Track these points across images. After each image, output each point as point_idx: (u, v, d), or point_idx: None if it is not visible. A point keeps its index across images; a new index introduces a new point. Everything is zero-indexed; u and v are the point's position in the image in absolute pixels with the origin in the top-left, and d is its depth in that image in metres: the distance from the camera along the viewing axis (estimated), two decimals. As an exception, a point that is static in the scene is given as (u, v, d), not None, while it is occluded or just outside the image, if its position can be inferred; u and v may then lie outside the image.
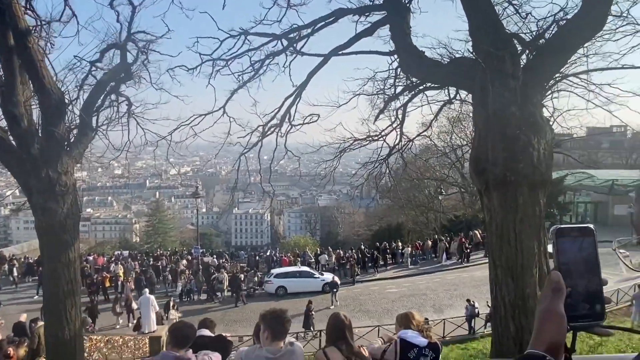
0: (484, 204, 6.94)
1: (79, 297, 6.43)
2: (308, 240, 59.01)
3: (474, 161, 6.98)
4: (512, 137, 6.27)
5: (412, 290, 24.90)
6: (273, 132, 13.37)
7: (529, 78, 6.61)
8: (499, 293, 6.56)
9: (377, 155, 15.74)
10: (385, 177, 18.24)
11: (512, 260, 6.37)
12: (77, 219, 6.33)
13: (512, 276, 6.37)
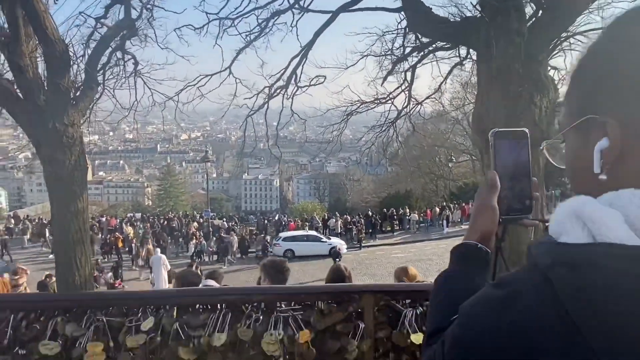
0: (485, 163, 6.99)
1: (87, 246, 6.74)
2: (316, 205, 59.62)
3: (475, 120, 7.00)
4: (514, 95, 6.26)
5: (418, 255, 25.27)
6: (279, 94, 13.39)
7: (535, 35, 6.53)
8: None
9: (385, 119, 15.69)
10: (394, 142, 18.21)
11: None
12: (84, 171, 6.54)
13: (509, 233, 6.50)
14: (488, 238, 1.16)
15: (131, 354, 2.10)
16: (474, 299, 0.83)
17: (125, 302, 2.16)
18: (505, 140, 1.18)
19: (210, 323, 2.12)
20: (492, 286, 0.81)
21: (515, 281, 0.75)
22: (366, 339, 2.13)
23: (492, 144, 1.18)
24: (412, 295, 2.18)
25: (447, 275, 1.13)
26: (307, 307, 2.18)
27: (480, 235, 1.13)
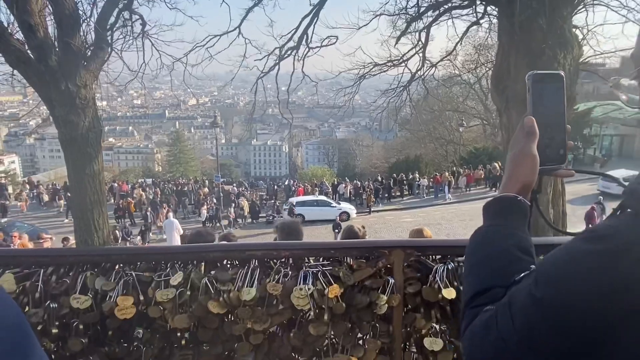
0: (503, 122, 6.84)
1: (105, 208, 6.80)
2: (325, 171, 59.68)
3: (495, 78, 6.79)
4: (537, 52, 6.04)
5: (427, 220, 25.34)
6: (290, 55, 13.11)
7: (561, -12, 6.21)
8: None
9: (398, 82, 15.38)
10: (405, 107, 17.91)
11: (526, 179, 6.42)
12: (98, 133, 6.53)
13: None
14: (528, 189, 1.07)
15: (161, 307, 2.11)
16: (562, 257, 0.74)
17: (153, 257, 2.16)
18: (542, 84, 1.10)
19: (239, 278, 2.11)
20: (582, 240, 0.72)
21: (618, 233, 0.67)
22: (395, 294, 2.11)
23: (529, 87, 1.10)
24: (443, 251, 2.15)
25: (486, 231, 1.05)
26: (336, 262, 2.16)
27: (520, 186, 1.04)
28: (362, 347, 2.21)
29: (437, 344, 2.14)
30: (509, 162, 1.11)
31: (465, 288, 1.01)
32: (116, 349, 2.21)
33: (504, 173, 1.13)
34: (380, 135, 78.07)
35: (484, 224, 1.07)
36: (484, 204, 1.12)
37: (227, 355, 2.29)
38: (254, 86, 13.89)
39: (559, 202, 6.50)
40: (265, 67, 13.51)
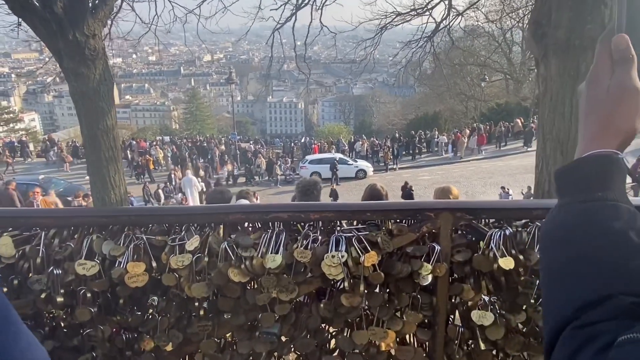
0: (540, 73, 6.29)
1: (121, 164, 6.62)
2: (342, 128, 58.92)
3: (533, 24, 6.18)
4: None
5: (446, 177, 24.87)
6: (307, 4, 12.42)
7: None
8: (545, 167, 6.27)
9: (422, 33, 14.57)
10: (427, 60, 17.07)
11: (564, 134, 5.94)
12: (110, 86, 6.24)
13: (561, 150, 6.00)
14: (628, 143, 0.73)
15: (176, 275, 1.88)
16: None
17: (166, 219, 1.91)
18: None
19: (263, 243, 1.86)
20: None
21: None
22: (441, 263, 1.84)
23: None
24: (499, 214, 1.85)
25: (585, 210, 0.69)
26: (373, 226, 1.88)
27: (622, 138, 0.70)
28: (400, 319, 1.98)
29: (487, 317, 1.88)
30: (593, 105, 0.74)
31: (559, 294, 0.67)
32: (129, 318, 2.01)
33: (581, 120, 0.77)
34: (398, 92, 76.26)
35: (573, 198, 0.71)
36: (562, 169, 0.76)
37: (250, 326, 2.08)
38: (269, 39, 13.29)
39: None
40: (282, 17, 12.88)
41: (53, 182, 20.57)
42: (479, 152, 28.69)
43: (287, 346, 2.04)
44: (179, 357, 2.14)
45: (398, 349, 2.01)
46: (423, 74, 38.29)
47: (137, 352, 2.08)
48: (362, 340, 1.98)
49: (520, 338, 1.93)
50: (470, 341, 2.02)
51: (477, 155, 28.42)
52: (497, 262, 1.74)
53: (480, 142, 28.91)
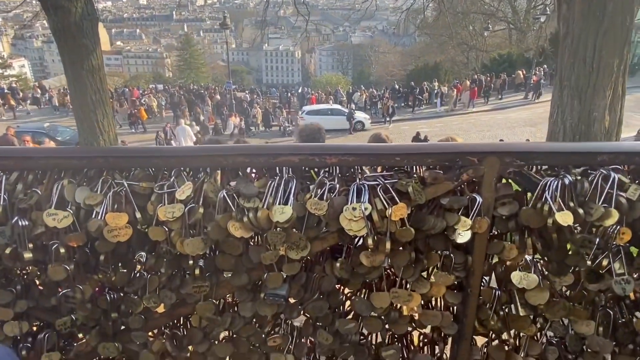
0: (561, 14, 5.81)
1: (109, 108, 6.19)
2: (340, 78, 57.57)
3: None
4: None
5: (444, 130, 24.44)
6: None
7: None
8: (560, 116, 5.93)
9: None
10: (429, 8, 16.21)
11: (583, 80, 5.56)
12: (94, 22, 5.69)
13: (579, 98, 5.64)
14: None
15: (165, 228, 1.58)
16: None
17: (151, 161, 1.58)
18: None
19: (269, 192, 1.54)
20: None
21: None
22: (482, 217, 1.55)
23: None
24: (556, 159, 1.53)
25: None
26: (403, 174, 1.56)
27: None
28: (427, 281, 1.71)
29: (530, 280, 1.61)
30: None
31: None
32: (112, 276, 1.73)
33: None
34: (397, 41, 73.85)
35: None
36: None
37: (254, 287, 1.81)
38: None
39: (617, 108, 5.72)
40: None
41: (59, 130, 19.96)
42: (471, 105, 27.74)
43: (296, 309, 1.78)
44: (172, 319, 1.89)
45: (422, 314, 1.76)
46: (425, 21, 36.88)
47: (124, 313, 1.82)
48: (382, 304, 1.72)
49: (565, 303, 1.67)
50: (505, 306, 1.77)
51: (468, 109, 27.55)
52: (552, 216, 1.44)
53: (472, 96, 27.97)
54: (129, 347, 1.88)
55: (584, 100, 5.58)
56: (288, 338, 1.87)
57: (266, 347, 1.86)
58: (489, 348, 1.84)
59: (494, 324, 1.74)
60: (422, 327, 1.83)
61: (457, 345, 1.83)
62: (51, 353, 1.84)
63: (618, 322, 1.73)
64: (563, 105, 5.79)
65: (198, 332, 1.85)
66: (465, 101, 27.91)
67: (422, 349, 1.96)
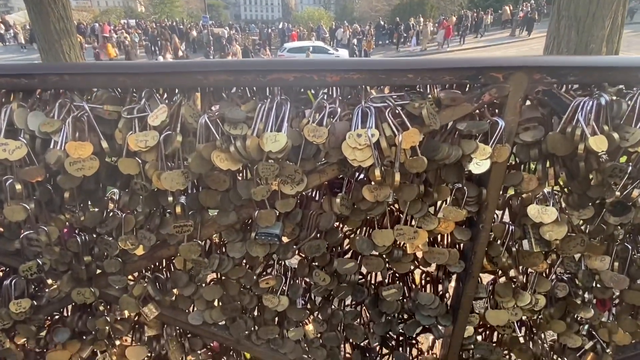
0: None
1: (75, 39, 5.67)
2: (323, 13, 55.22)
3: None
4: None
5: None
6: None
7: None
8: (555, 48, 5.69)
9: None
10: None
11: (583, 9, 5.29)
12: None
13: (577, 29, 5.39)
14: None
15: (138, 160, 1.36)
16: None
17: (116, 80, 1.32)
18: None
19: (259, 117, 1.32)
20: None
21: None
22: (503, 145, 1.36)
23: None
24: (592, 76, 1.32)
25: None
26: (416, 95, 1.35)
27: None
28: (435, 217, 1.55)
29: (548, 213, 1.47)
30: None
31: None
32: (82, 216, 1.52)
33: None
34: (382, -26, 70.36)
35: None
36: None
37: (244, 227, 1.63)
38: None
39: (615, 39, 5.49)
40: None
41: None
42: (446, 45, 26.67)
43: (291, 249, 1.62)
44: (153, 262, 1.72)
45: (428, 252, 1.62)
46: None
47: (99, 256, 1.63)
48: (385, 242, 1.57)
49: (583, 238, 1.54)
50: (517, 242, 1.64)
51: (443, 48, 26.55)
52: (584, 142, 1.27)
53: (447, 35, 26.93)
54: (106, 292, 1.72)
55: (582, 32, 5.34)
56: (281, 279, 1.73)
57: (258, 289, 1.71)
58: (496, 285, 1.73)
59: (504, 261, 1.62)
60: (426, 265, 1.70)
61: (462, 284, 1.71)
62: (21, 300, 1.67)
63: (634, 257, 1.63)
64: (560, 36, 5.53)
65: (183, 275, 1.68)
66: (440, 40, 26.80)
67: (424, 288, 1.84)
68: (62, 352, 1.83)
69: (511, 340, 1.87)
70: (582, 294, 1.75)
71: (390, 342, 2.01)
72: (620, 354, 1.90)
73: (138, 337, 1.89)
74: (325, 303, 1.85)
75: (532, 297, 1.70)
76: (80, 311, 1.83)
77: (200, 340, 1.93)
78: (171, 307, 1.80)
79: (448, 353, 1.88)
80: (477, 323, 1.81)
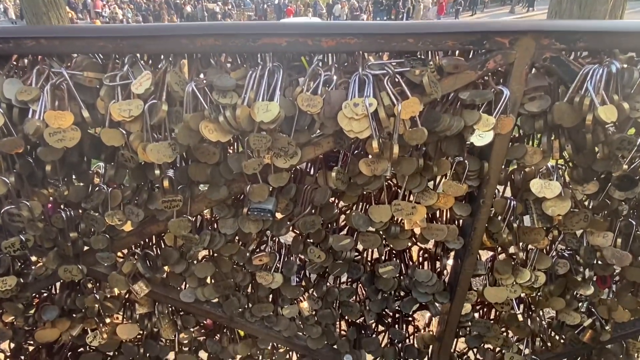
0: None
1: (64, 11, 5.49)
2: (319, -11, 54.09)
3: None
4: None
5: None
6: None
7: None
8: (555, 23, 5.58)
9: None
10: None
11: (586, -17, 5.16)
12: None
13: (579, 3, 5.27)
14: None
15: (122, 131, 1.28)
16: None
17: (95, 45, 1.23)
18: None
19: (250, 85, 1.24)
20: None
21: None
22: (507, 115, 1.29)
23: None
24: (601, 42, 1.25)
25: None
26: (417, 61, 1.27)
27: None
28: (435, 192, 1.49)
29: (552, 188, 1.42)
30: None
31: None
32: (65, 190, 1.46)
33: None
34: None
35: None
36: None
37: (235, 202, 1.57)
38: None
39: (618, 14, 5.38)
40: None
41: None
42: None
43: (285, 225, 1.56)
44: (142, 238, 1.66)
45: (426, 228, 1.57)
46: None
47: (85, 233, 1.57)
48: (382, 217, 1.51)
49: (587, 213, 1.49)
50: (518, 218, 1.59)
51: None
52: (592, 112, 1.20)
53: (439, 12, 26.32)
54: (95, 269, 1.67)
55: (584, 6, 5.21)
56: (275, 256, 1.68)
57: (251, 266, 1.67)
58: (495, 262, 1.69)
59: (505, 238, 1.57)
60: (424, 242, 1.65)
61: (461, 260, 1.67)
62: (6, 277, 1.61)
63: (638, 234, 1.58)
64: (561, 11, 5.40)
65: (173, 251, 1.63)
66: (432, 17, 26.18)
67: (421, 265, 1.80)
68: (51, 330, 1.79)
69: (509, 317, 1.84)
70: (583, 270, 1.72)
71: (386, 319, 1.98)
72: (619, 330, 1.88)
73: (129, 314, 1.84)
74: (321, 280, 1.80)
75: (532, 274, 1.66)
76: (69, 289, 1.78)
77: (193, 317, 1.89)
78: (162, 285, 1.76)
79: (445, 330, 1.85)
80: (474, 300, 1.78)
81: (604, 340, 1.85)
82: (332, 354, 1.95)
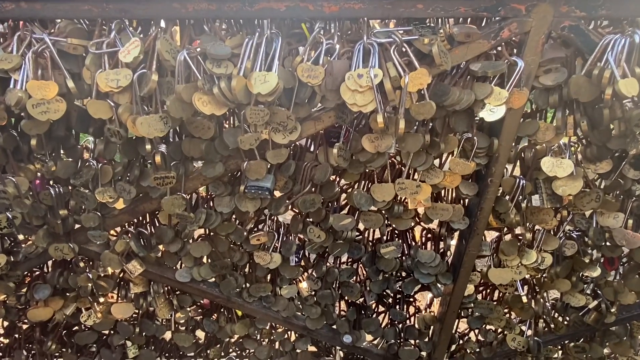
0: None
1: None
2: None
3: None
4: None
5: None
6: None
7: None
8: None
9: None
10: None
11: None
12: None
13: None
14: None
15: (111, 103, 1.20)
16: None
17: (80, 8, 1.14)
18: None
19: (246, 54, 1.16)
20: None
21: None
22: (521, 89, 1.22)
23: None
24: (624, 8, 1.16)
25: None
26: (425, 29, 1.18)
27: None
28: (441, 170, 1.43)
29: (564, 167, 1.35)
30: None
31: None
32: (53, 165, 1.39)
33: None
34: None
35: None
36: None
37: (232, 179, 1.51)
38: None
39: None
40: None
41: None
42: None
43: (283, 204, 1.50)
44: (136, 216, 1.60)
45: (431, 207, 1.51)
46: None
47: (76, 210, 1.51)
48: (385, 197, 1.45)
49: (599, 193, 1.43)
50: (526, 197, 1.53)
51: None
52: (612, 86, 1.12)
53: None
54: (87, 247, 1.61)
55: None
56: (274, 235, 1.62)
57: (249, 245, 1.61)
58: (501, 243, 1.63)
59: (512, 218, 1.51)
60: (428, 221, 1.59)
61: (465, 241, 1.61)
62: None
63: (650, 215, 1.53)
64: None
65: (168, 230, 1.57)
66: None
67: (424, 245, 1.75)
68: (44, 309, 1.75)
69: (513, 298, 1.80)
70: (591, 252, 1.67)
71: (386, 300, 1.94)
72: (624, 312, 1.85)
73: (124, 294, 1.80)
74: (320, 260, 1.75)
75: (538, 256, 1.61)
76: (61, 267, 1.73)
77: (190, 297, 1.85)
78: (157, 264, 1.71)
79: (447, 311, 1.81)
80: (478, 281, 1.73)
81: (608, 323, 1.82)
82: (331, 334, 1.92)
